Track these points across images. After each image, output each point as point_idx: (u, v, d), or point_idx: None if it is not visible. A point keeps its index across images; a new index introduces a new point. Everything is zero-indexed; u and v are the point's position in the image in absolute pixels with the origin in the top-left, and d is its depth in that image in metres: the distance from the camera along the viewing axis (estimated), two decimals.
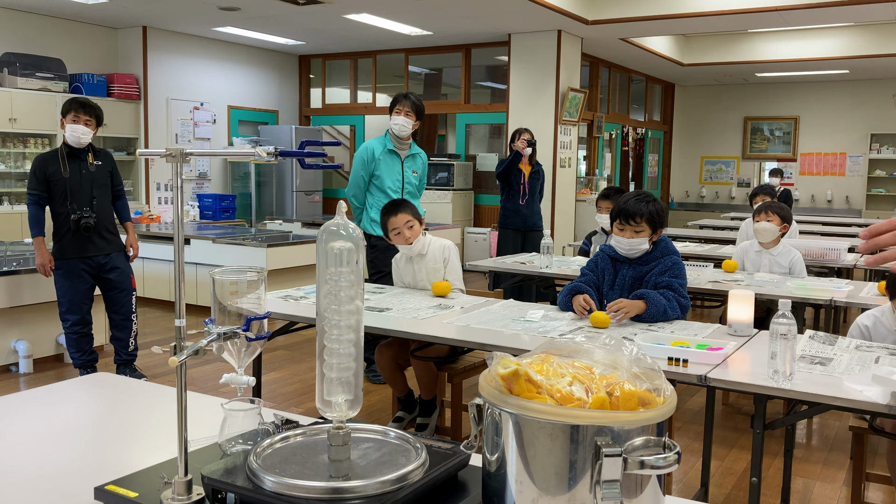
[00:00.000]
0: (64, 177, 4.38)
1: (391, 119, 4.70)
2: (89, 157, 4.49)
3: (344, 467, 1.18)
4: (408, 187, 4.77)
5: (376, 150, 4.67)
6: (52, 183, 4.38)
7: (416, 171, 4.83)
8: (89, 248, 4.49)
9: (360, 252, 1.20)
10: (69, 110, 4.41)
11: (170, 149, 1.20)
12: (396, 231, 3.62)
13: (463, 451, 1.22)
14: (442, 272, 3.72)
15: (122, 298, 4.64)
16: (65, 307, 4.50)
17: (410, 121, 4.68)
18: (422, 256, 3.73)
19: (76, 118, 4.39)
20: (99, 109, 4.51)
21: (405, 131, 4.69)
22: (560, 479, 1.00)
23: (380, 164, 4.67)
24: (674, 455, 0.98)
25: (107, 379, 2.04)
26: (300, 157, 1.27)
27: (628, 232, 3.16)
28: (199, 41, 9.70)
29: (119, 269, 4.61)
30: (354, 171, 4.71)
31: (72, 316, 4.50)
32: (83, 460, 1.45)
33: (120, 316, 4.66)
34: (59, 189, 4.38)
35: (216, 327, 1.27)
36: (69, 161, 4.42)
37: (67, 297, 4.49)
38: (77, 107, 4.41)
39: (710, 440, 3.20)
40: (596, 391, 1.03)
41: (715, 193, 13.95)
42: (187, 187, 9.74)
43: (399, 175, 4.73)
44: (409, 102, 4.66)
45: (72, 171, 4.41)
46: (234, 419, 1.35)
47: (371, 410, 4.27)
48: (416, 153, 4.85)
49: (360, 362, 1.22)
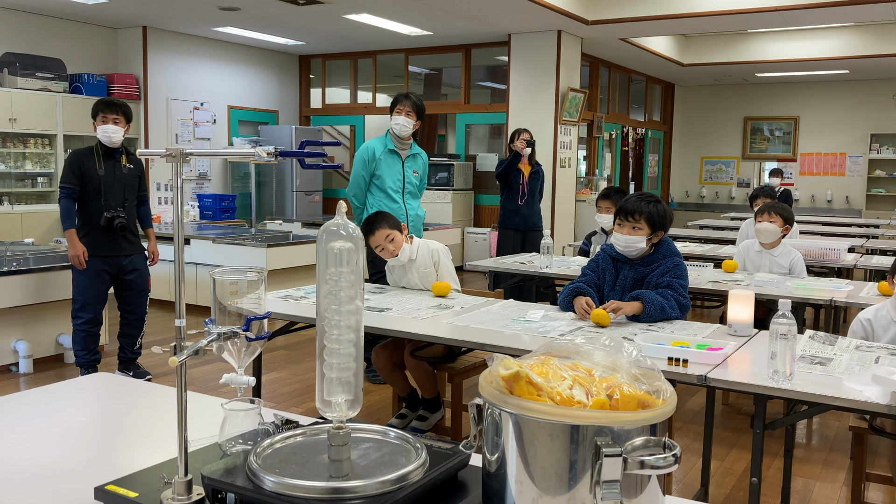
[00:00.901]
0: (99, 174, 4.46)
1: (392, 119, 4.69)
2: (122, 159, 4.57)
3: (344, 467, 1.18)
4: (408, 187, 4.76)
5: (377, 150, 4.67)
6: (87, 179, 4.44)
7: (416, 171, 4.82)
8: (113, 248, 4.55)
9: (360, 252, 1.20)
10: (97, 112, 4.49)
11: (170, 149, 1.20)
12: (379, 248, 3.61)
13: (463, 451, 1.22)
14: (434, 275, 3.72)
15: (138, 299, 4.74)
16: (79, 304, 4.54)
17: (411, 121, 4.67)
18: (412, 262, 3.73)
19: (104, 118, 4.47)
20: (126, 107, 4.58)
21: (406, 131, 4.68)
22: (560, 480, 1.00)
23: (380, 164, 4.66)
24: (673, 455, 0.98)
25: (107, 379, 2.03)
26: (300, 157, 1.26)
27: (626, 228, 3.16)
28: (199, 41, 9.69)
29: (138, 271, 4.69)
30: (355, 171, 4.70)
31: (85, 314, 4.54)
32: (83, 460, 1.45)
33: (134, 315, 4.75)
34: (93, 186, 4.45)
35: (216, 327, 1.27)
36: (104, 160, 4.50)
37: (83, 295, 4.53)
38: (103, 107, 4.49)
39: (710, 440, 3.20)
40: (596, 394, 1.04)
41: (715, 193, 13.94)
42: (187, 187, 9.73)
43: (400, 175, 4.72)
44: (410, 102, 4.66)
45: (106, 170, 4.49)
46: (234, 419, 1.35)
47: (371, 410, 4.27)
48: (417, 153, 4.84)
49: (360, 362, 1.22)
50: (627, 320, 3.03)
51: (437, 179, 9.95)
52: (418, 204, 4.88)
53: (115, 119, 4.48)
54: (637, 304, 2.99)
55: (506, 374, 1.05)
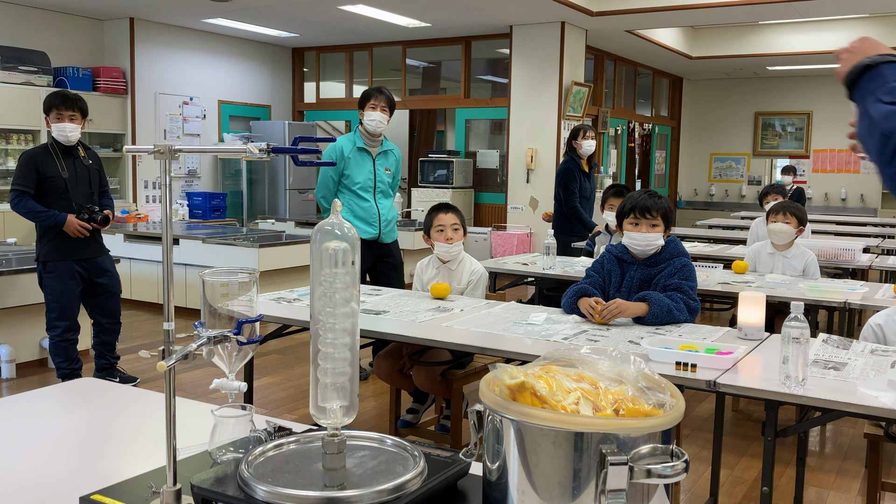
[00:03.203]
0: (63, 177, 4.31)
1: (365, 115, 4.62)
2: (80, 152, 4.44)
3: (339, 476, 1.18)
4: (380, 185, 4.73)
5: (345, 149, 4.62)
6: (47, 181, 4.29)
7: (389, 169, 4.79)
8: (84, 250, 4.42)
9: (356, 253, 1.19)
10: (51, 108, 4.28)
11: (158, 145, 1.20)
12: (440, 228, 3.63)
13: (463, 459, 1.22)
14: (462, 292, 3.71)
15: (112, 302, 4.60)
16: (55, 312, 4.39)
17: (386, 116, 4.65)
18: (450, 271, 3.74)
19: (60, 115, 4.27)
20: (82, 101, 4.41)
21: (381, 127, 4.63)
22: (563, 489, 0.99)
23: (350, 163, 4.61)
24: (682, 463, 0.97)
25: (92, 384, 2.03)
26: (293, 153, 1.26)
27: (644, 226, 3.13)
28: (188, 33, 9.67)
29: (110, 273, 4.58)
30: (323, 172, 4.66)
31: (62, 322, 4.40)
32: (68, 469, 1.45)
33: (110, 320, 4.61)
34: (56, 187, 4.30)
35: (206, 331, 1.26)
36: (63, 158, 4.34)
37: (60, 302, 4.39)
38: (58, 103, 4.28)
39: (719, 448, 3.16)
40: (603, 409, 1.04)
41: (724, 191, 13.89)
42: (176, 185, 9.73)
43: (371, 174, 4.67)
44: (384, 97, 4.62)
45: (69, 170, 4.34)
46: (224, 426, 1.35)
47: (367, 417, 4.24)
48: (389, 149, 4.80)
49: (355, 367, 1.21)
50: (633, 322, 3.02)
51: (435, 177, 9.98)
52: (391, 203, 4.83)
53: (72, 116, 4.29)
54: (643, 304, 2.99)
55: (511, 383, 1.06)
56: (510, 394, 1.05)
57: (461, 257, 3.74)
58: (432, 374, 3.39)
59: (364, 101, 4.62)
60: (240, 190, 10.08)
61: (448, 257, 3.69)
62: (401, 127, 11.47)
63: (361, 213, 4.61)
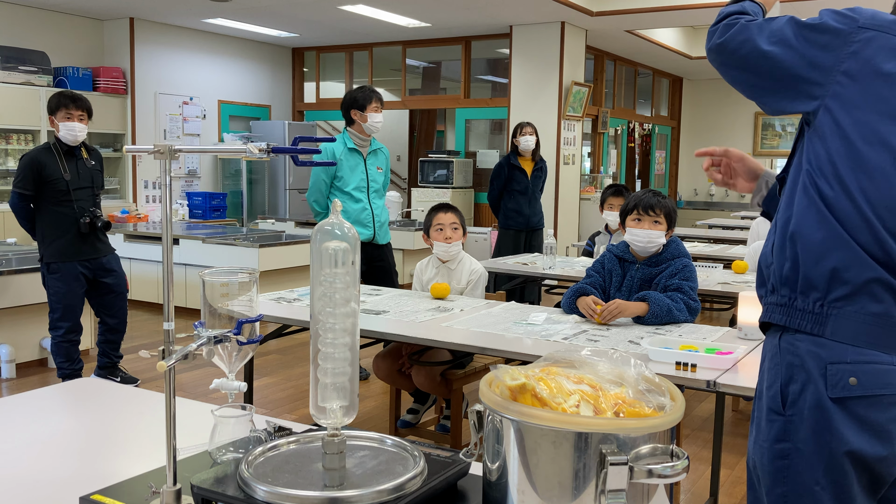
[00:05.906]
0: (66, 179, 4.28)
1: (370, 117, 4.62)
2: (83, 153, 4.41)
3: (339, 476, 1.18)
4: (373, 185, 4.75)
5: (337, 151, 4.63)
6: (50, 183, 4.27)
7: (380, 168, 4.82)
8: (89, 251, 4.41)
9: (356, 252, 1.19)
10: (59, 107, 4.26)
11: (158, 145, 1.20)
12: (440, 227, 3.65)
13: (463, 459, 1.22)
14: (462, 292, 3.72)
15: (119, 302, 4.58)
16: (58, 313, 4.37)
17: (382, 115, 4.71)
18: (450, 271, 3.74)
19: (69, 115, 4.26)
20: (88, 102, 4.42)
21: (379, 126, 4.67)
22: (563, 489, 0.99)
23: (342, 166, 4.63)
24: (682, 463, 0.97)
25: (92, 384, 2.03)
26: (293, 153, 1.26)
27: (647, 223, 3.14)
28: (188, 33, 9.64)
29: (116, 272, 4.55)
30: (315, 175, 4.66)
31: (65, 323, 4.38)
32: (67, 469, 1.45)
33: (117, 319, 4.60)
34: (59, 189, 4.27)
35: (206, 331, 1.26)
36: (66, 159, 4.32)
37: (63, 304, 4.36)
38: (68, 102, 4.27)
39: (719, 448, 3.15)
40: (603, 411, 1.04)
41: (724, 191, 13.88)
42: (176, 185, 9.70)
43: (363, 174, 4.69)
44: (379, 97, 4.66)
45: (70, 172, 4.31)
46: (224, 426, 1.36)
47: (367, 417, 4.25)
48: (378, 148, 4.83)
49: (355, 367, 1.21)
50: (633, 322, 3.02)
51: (435, 177, 9.96)
52: (383, 203, 4.86)
53: (80, 116, 4.28)
54: (642, 304, 2.98)
55: (513, 384, 1.06)
56: (511, 395, 1.05)
57: (461, 257, 3.75)
58: (432, 374, 3.38)
59: (363, 103, 4.62)
60: (240, 190, 10.07)
61: (447, 257, 3.71)
62: (401, 127, 11.46)
63: (355, 215, 4.62)
